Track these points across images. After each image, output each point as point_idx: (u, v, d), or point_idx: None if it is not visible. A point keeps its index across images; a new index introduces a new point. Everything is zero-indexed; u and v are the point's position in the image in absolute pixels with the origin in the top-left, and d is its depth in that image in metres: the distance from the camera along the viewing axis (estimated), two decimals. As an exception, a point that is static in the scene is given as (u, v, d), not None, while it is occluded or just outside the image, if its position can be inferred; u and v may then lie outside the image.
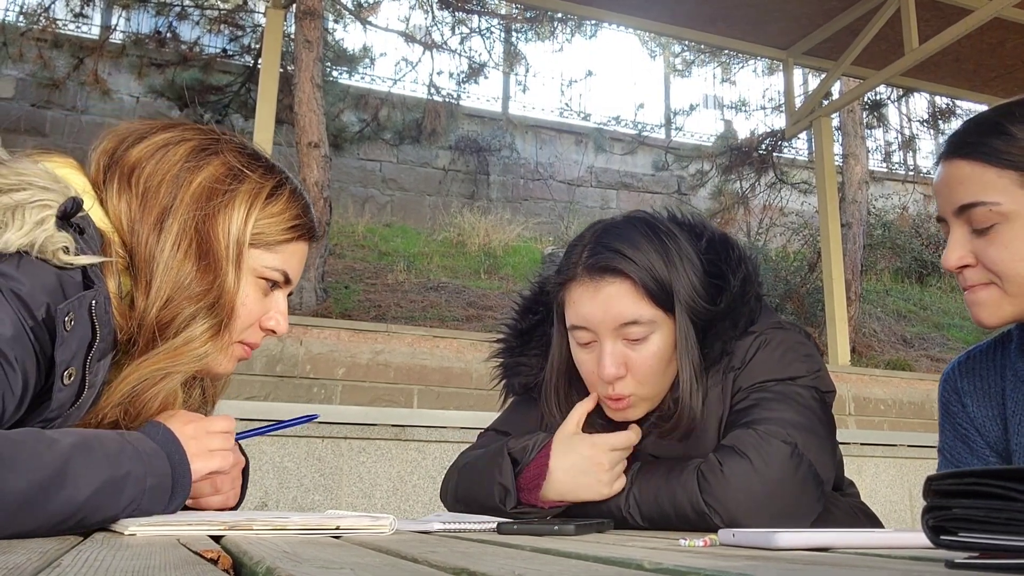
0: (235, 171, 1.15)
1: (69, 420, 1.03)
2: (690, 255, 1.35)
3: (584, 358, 1.35)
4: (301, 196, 1.23)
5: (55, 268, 0.97)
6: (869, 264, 9.97)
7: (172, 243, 1.08)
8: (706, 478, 1.23)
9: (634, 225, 1.36)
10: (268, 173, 1.19)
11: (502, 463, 1.32)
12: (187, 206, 1.10)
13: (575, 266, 1.33)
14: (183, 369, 1.10)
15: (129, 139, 1.14)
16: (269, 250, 1.18)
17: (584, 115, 11.54)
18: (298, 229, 1.21)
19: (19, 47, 7.95)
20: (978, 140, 1.18)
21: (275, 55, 5.63)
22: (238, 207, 1.13)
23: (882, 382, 6.12)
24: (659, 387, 1.35)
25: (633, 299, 1.29)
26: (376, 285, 7.69)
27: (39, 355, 0.97)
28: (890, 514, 4.16)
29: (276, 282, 1.20)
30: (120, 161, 1.12)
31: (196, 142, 1.16)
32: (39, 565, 0.61)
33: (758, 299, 1.40)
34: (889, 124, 11.63)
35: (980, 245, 1.19)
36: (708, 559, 0.66)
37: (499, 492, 1.31)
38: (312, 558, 0.64)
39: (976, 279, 1.21)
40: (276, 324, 1.21)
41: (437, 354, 4.98)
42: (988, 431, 1.33)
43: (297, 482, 3.21)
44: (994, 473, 0.53)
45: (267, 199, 1.17)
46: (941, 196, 1.23)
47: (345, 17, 9.71)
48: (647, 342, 1.31)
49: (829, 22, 6.26)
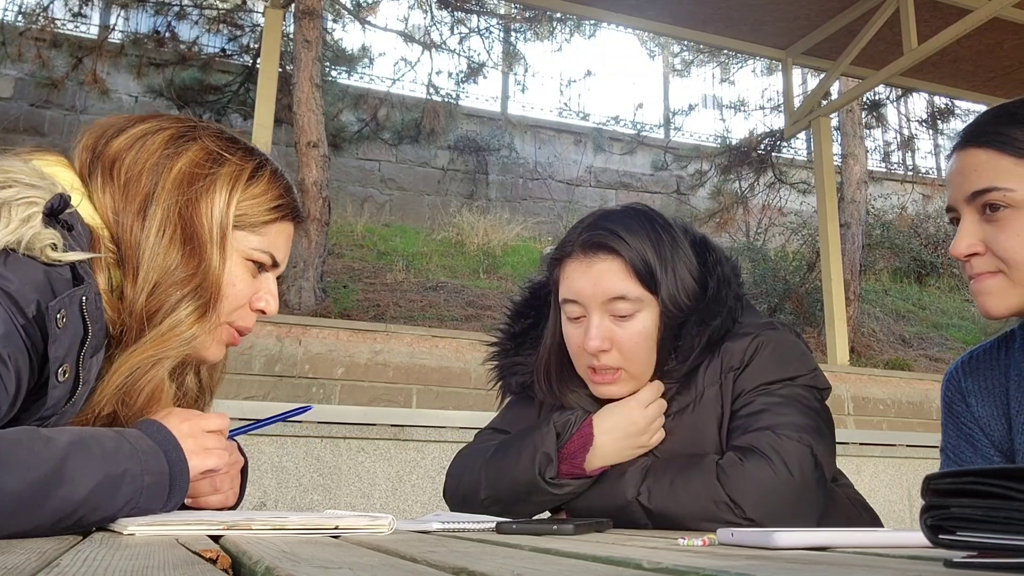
0: (214, 155, 1.16)
1: (64, 417, 1.03)
2: (685, 251, 1.41)
3: (572, 332, 1.40)
4: (282, 177, 1.24)
5: (43, 265, 0.97)
6: (868, 264, 9.98)
7: (157, 230, 1.09)
8: (726, 472, 1.25)
9: (632, 214, 1.42)
10: (248, 156, 1.20)
11: (546, 434, 1.35)
12: (169, 192, 1.11)
13: (572, 244, 1.40)
14: (173, 354, 1.10)
15: (108, 133, 1.15)
16: (254, 231, 1.18)
17: (583, 115, 11.55)
18: (281, 209, 1.21)
19: (18, 47, 7.94)
20: (994, 129, 1.20)
21: (274, 55, 5.63)
22: (220, 190, 1.14)
23: (881, 382, 6.12)
24: (644, 365, 1.39)
25: (622, 276, 1.35)
26: (375, 285, 7.68)
27: (31, 352, 0.96)
28: (889, 514, 4.16)
29: (263, 264, 1.21)
30: (101, 155, 1.13)
31: (174, 130, 1.17)
32: (38, 565, 0.61)
33: (738, 299, 1.43)
34: (888, 124, 11.64)
35: (991, 232, 1.19)
36: (707, 558, 0.66)
37: (541, 460, 1.33)
38: (311, 558, 0.64)
39: (983, 267, 1.21)
40: (267, 304, 1.22)
41: (436, 354, 4.98)
42: (993, 431, 1.33)
43: (296, 482, 3.21)
44: (992, 472, 0.53)
45: (248, 181, 1.18)
46: (954, 184, 1.24)
47: (344, 17, 9.71)
48: (633, 319, 1.36)
49: (828, 22, 6.26)
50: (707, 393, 1.38)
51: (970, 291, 1.25)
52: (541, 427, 1.38)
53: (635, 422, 1.35)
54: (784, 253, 9.99)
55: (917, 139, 12.23)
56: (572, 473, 1.34)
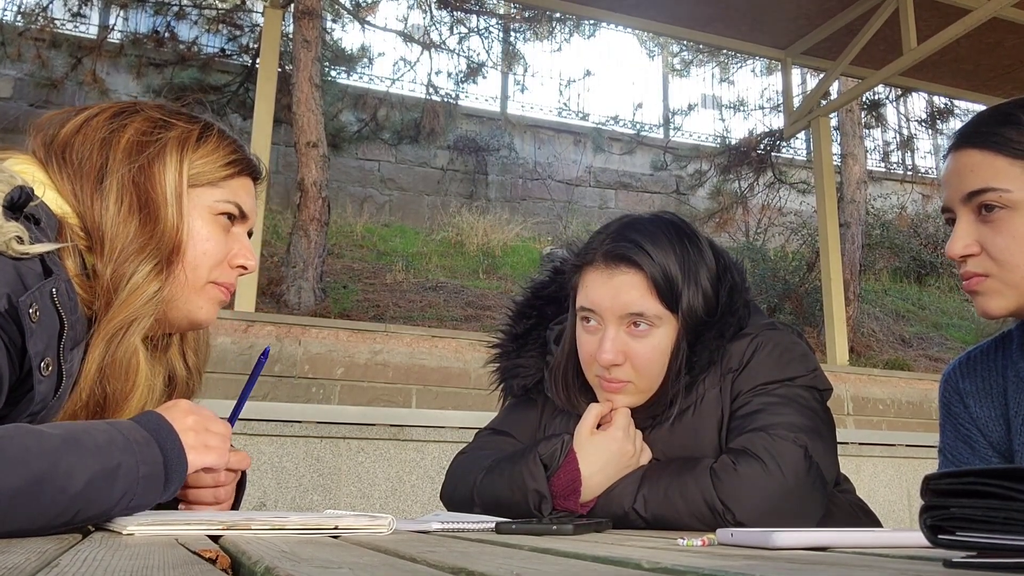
0: (160, 122, 1.19)
1: (51, 411, 1.03)
2: (710, 264, 1.39)
3: (586, 339, 1.38)
4: (231, 136, 1.26)
5: (11, 259, 0.97)
6: (867, 264, 9.98)
7: (115, 200, 1.11)
8: (719, 476, 1.24)
9: (659, 224, 1.39)
10: (193, 120, 1.23)
11: (534, 469, 1.32)
12: (120, 163, 1.14)
13: (594, 251, 1.37)
14: (141, 314, 1.11)
15: (54, 124, 1.18)
16: (214, 186, 1.21)
17: (583, 115, 11.54)
18: (236, 164, 1.24)
19: (17, 47, 7.94)
20: (990, 130, 1.19)
21: (273, 55, 5.63)
22: (170, 153, 1.17)
23: (880, 382, 6.12)
24: (654, 380, 1.37)
25: (642, 292, 1.33)
26: (374, 285, 7.68)
27: (9, 347, 0.96)
28: (888, 514, 4.16)
29: (231, 215, 1.22)
30: (52, 144, 1.15)
31: (115, 108, 1.20)
32: (37, 565, 0.61)
33: (746, 305, 1.42)
34: (887, 124, 11.64)
35: (986, 233, 1.19)
36: (706, 559, 0.66)
37: (535, 498, 1.31)
38: (310, 558, 0.64)
39: (977, 269, 1.21)
40: (245, 259, 1.24)
41: (435, 354, 4.98)
42: (991, 432, 1.33)
43: (295, 482, 3.21)
44: (992, 472, 0.53)
45: (197, 141, 1.20)
46: (950, 185, 1.23)
47: (343, 17, 9.70)
48: (649, 336, 1.34)
49: (827, 22, 6.26)
50: (707, 395, 1.38)
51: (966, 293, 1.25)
52: (528, 460, 1.33)
53: (626, 452, 1.33)
54: (783, 253, 9.99)
55: (916, 139, 12.23)
56: (567, 508, 1.32)
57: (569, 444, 1.34)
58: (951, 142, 1.26)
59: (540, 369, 1.54)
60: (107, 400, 1.10)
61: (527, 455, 1.35)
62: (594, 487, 1.32)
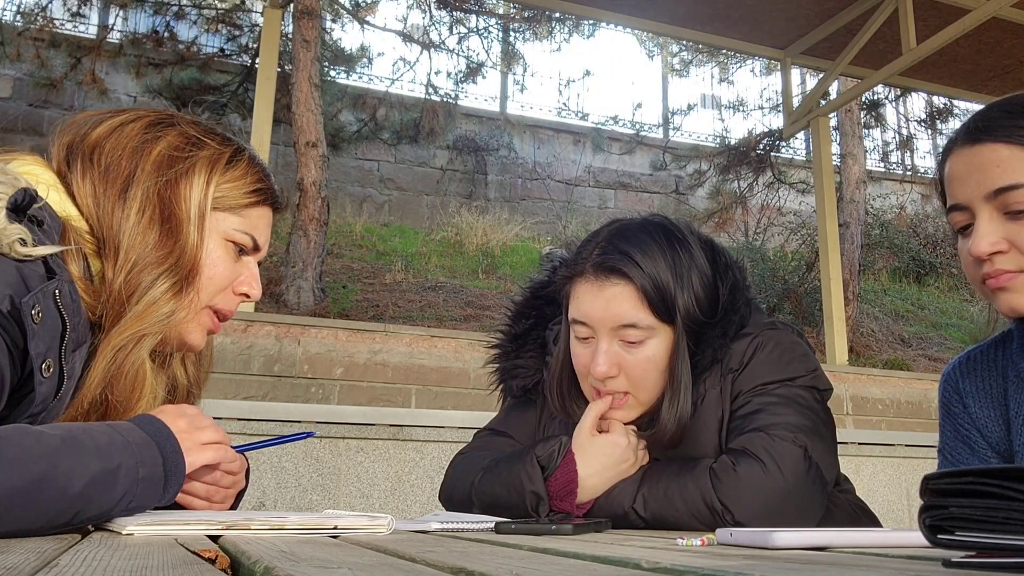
0: (193, 139, 1.19)
1: (52, 414, 1.03)
2: (701, 266, 1.37)
3: (580, 351, 1.37)
4: (260, 163, 1.26)
5: (14, 261, 0.97)
6: (867, 264, 9.98)
7: (136, 210, 1.11)
8: (719, 477, 1.24)
9: (649, 231, 1.36)
10: (226, 141, 1.23)
11: (531, 471, 1.32)
12: (148, 174, 1.13)
13: (584, 262, 1.35)
14: (152, 331, 1.11)
15: (86, 126, 1.17)
16: (234, 213, 1.20)
17: (582, 115, 11.54)
18: (260, 193, 1.23)
19: (16, 47, 7.94)
20: (1012, 123, 1.15)
21: (273, 55, 5.63)
22: (199, 172, 1.16)
23: (880, 382, 6.13)
24: (652, 392, 1.36)
25: (633, 303, 1.31)
26: (374, 285, 7.68)
27: (11, 348, 0.96)
28: (887, 513, 4.16)
29: (244, 247, 1.22)
30: (80, 146, 1.14)
31: (152, 117, 1.20)
32: (37, 565, 0.61)
33: (747, 304, 1.41)
34: (887, 124, 11.64)
35: (1014, 230, 1.14)
36: (706, 558, 0.66)
37: (532, 499, 1.31)
38: (310, 558, 0.64)
39: (1007, 266, 1.16)
40: (249, 288, 1.23)
41: (435, 354, 4.98)
42: (991, 432, 1.32)
43: (295, 482, 3.21)
44: (991, 472, 0.53)
45: (227, 164, 1.20)
46: (969, 181, 1.17)
47: (343, 17, 9.70)
48: (643, 346, 1.33)
49: (827, 22, 6.26)
50: (708, 395, 1.37)
51: (987, 290, 1.19)
52: (525, 461, 1.33)
53: (626, 458, 1.33)
54: (783, 253, 9.99)
55: (916, 139, 12.23)
56: (563, 509, 1.33)
57: (567, 445, 1.34)
58: (963, 136, 1.20)
59: (539, 369, 1.54)
60: (109, 407, 1.10)
61: (525, 456, 1.35)
62: (591, 489, 1.31)
